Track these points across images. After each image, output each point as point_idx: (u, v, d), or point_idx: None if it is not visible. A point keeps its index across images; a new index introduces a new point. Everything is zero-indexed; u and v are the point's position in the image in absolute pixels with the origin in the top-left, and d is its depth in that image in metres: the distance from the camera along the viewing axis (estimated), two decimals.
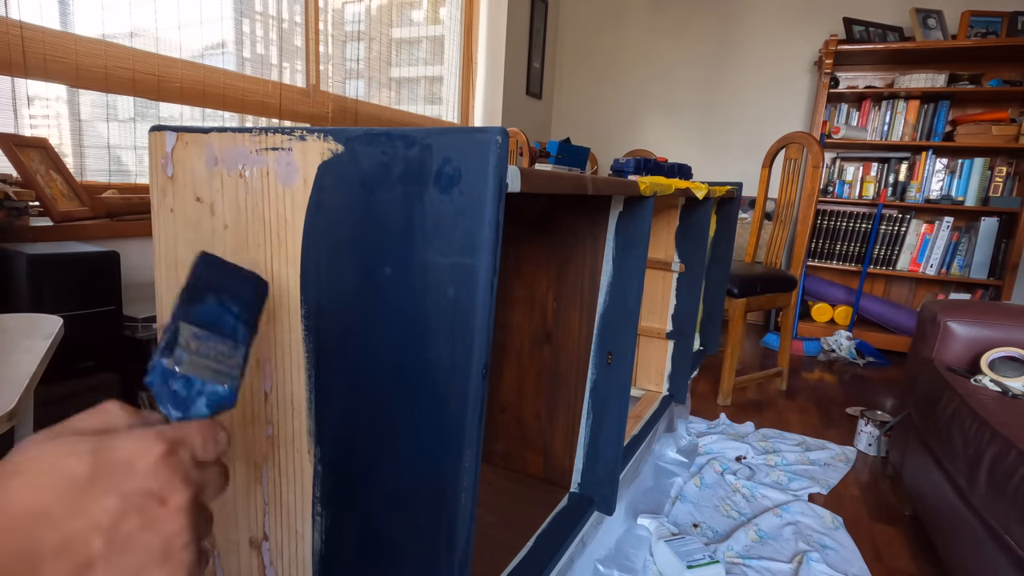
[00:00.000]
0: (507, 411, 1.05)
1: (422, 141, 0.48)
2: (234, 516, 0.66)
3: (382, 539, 0.56)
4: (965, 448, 1.06)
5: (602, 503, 0.97)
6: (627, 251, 0.90)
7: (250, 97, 1.77)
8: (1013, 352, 1.25)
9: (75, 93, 1.39)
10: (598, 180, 0.71)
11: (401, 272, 0.51)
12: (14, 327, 0.72)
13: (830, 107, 3.00)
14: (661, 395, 1.48)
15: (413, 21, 2.64)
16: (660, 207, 1.45)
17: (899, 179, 2.92)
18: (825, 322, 3.03)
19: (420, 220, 0.49)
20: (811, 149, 2.22)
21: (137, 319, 1.13)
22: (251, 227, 0.59)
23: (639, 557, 1.16)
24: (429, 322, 0.50)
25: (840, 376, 2.53)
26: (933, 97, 2.80)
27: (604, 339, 0.94)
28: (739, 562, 1.19)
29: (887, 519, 1.42)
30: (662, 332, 1.48)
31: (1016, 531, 0.88)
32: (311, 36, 2.01)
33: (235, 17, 1.74)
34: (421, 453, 0.52)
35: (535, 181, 0.54)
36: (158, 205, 0.66)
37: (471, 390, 0.49)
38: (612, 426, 0.95)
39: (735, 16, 3.23)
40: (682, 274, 1.45)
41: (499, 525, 0.86)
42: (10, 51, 1.19)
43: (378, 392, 0.54)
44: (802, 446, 1.78)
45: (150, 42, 1.51)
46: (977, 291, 2.88)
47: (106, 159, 1.47)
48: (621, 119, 3.59)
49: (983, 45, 2.58)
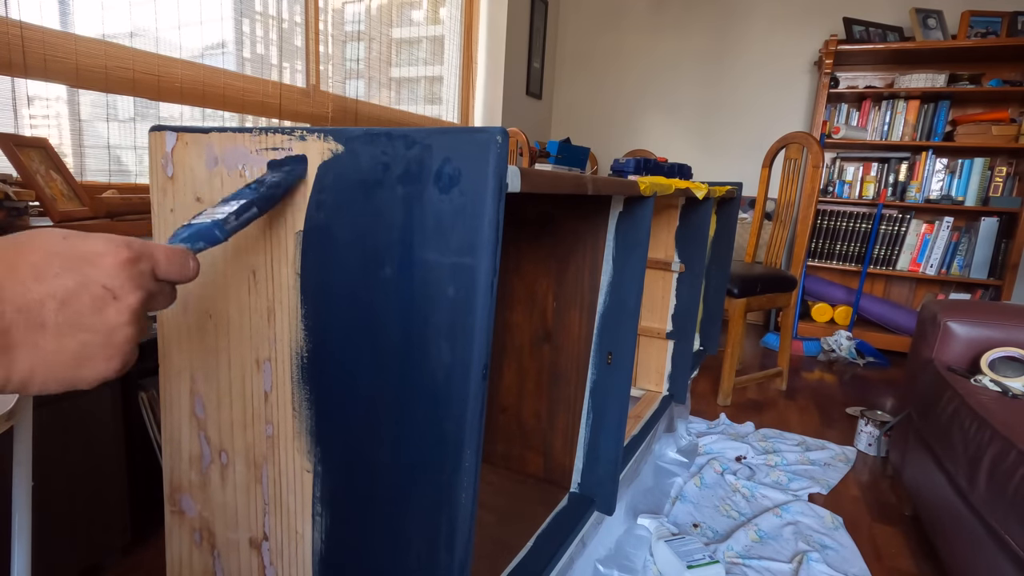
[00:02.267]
0: (507, 411, 1.05)
1: (422, 141, 0.48)
2: (234, 516, 0.66)
3: (382, 539, 0.56)
4: (965, 448, 1.06)
5: (602, 503, 0.97)
6: (627, 251, 0.90)
7: (250, 97, 1.77)
8: (1013, 352, 1.25)
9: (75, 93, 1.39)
10: (598, 180, 0.71)
11: (401, 272, 0.51)
12: None
13: (830, 107, 3.00)
14: (661, 395, 1.48)
15: (413, 21, 2.64)
16: (660, 207, 1.45)
17: (899, 179, 2.92)
18: (825, 322, 3.03)
19: (420, 220, 0.49)
20: (811, 149, 2.22)
21: None
22: (251, 227, 0.59)
23: (639, 557, 1.16)
24: (429, 322, 0.50)
25: (840, 376, 2.53)
26: (933, 97, 2.80)
27: (604, 339, 0.94)
28: (739, 562, 1.19)
29: (887, 519, 1.42)
30: (662, 332, 1.48)
31: (1016, 531, 0.88)
32: (311, 36, 2.01)
33: (235, 17, 1.74)
34: (421, 453, 0.52)
35: (535, 181, 0.54)
36: (158, 205, 0.66)
37: (471, 390, 0.49)
38: (612, 426, 0.95)
39: (735, 16, 3.23)
40: (682, 274, 1.45)
41: (499, 525, 0.86)
42: (10, 51, 1.19)
43: (378, 392, 0.54)
44: (802, 446, 1.78)
45: (150, 42, 1.51)
46: (977, 291, 2.88)
47: (106, 159, 1.47)
48: (621, 119, 3.59)
49: (983, 45, 2.58)
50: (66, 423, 0.96)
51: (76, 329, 0.31)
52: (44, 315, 0.30)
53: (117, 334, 0.33)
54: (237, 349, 0.62)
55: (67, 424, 0.96)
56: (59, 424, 0.95)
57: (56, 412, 0.94)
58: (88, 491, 1.01)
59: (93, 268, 0.32)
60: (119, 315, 0.33)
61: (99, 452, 1.02)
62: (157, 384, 1.13)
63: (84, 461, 0.99)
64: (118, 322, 0.33)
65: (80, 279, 0.31)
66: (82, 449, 0.99)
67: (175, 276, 0.37)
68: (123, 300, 0.33)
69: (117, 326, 0.33)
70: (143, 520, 1.15)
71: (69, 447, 0.97)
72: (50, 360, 0.31)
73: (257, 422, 0.62)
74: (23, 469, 0.67)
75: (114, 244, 0.33)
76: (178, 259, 0.37)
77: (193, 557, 0.71)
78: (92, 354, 0.32)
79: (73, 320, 0.31)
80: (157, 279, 0.36)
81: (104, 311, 0.32)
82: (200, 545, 0.70)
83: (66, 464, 0.97)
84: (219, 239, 0.43)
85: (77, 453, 0.98)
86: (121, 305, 0.33)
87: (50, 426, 0.93)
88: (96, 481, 1.02)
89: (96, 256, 0.32)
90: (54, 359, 0.31)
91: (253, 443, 0.63)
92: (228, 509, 0.67)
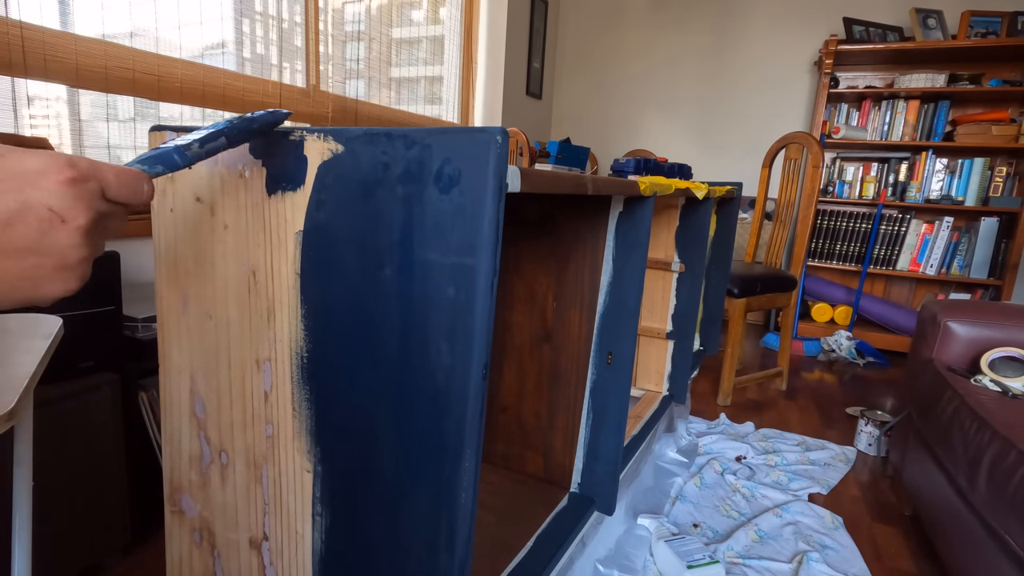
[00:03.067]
0: (507, 411, 1.05)
1: (422, 141, 0.48)
2: (234, 516, 0.66)
3: (382, 539, 0.56)
4: (965, 448, 1.06)
5: (602, 503, 0.97)
6: (627, 251, 0.90)
7: (250, 97, 1.77)
8: (1013, 352, 1.25)
9: (75, 93, 1.39)
10: (598, 180, 0.71)
11: (401, 272, 0.51)
12: (14, 327, 0.72)
13: (830, 107, 3.00)
14: (661, 395, 1.48)
15: (413, 21, 2.63)
16: (660, 207, 1.45)
17: (899, 179, 2.92)
18: (825, 322, 3.03)
19: (420, 220, 0.49)
20: (811, 149, 2.22)
21: (137, 319, 1.13)
22: (251, 227, 0.59)
23: (639, 557, 1.16)
24: (429, 322, 0.50)
25: (840, 376, 2.53)
26: (933, 97, 2.80)
27: (604, 339, 0.94)
28: (739, 562, 1.19)
29: (887, 519, 1.42)
30: (662, 332, 1.48)
31: (1016, 531, 0.88)
32: (311, 36, 2.01)
33: (235, 17, 1.74)
34: (421, 453, 0.52)
35: (535, 181, 0.54)
36: (158, 205, 0.66)
37: (471, 390, 0.49)
38: (612, 426, 0.95)
39: (735, 15, 3.23)
40: (682, 274, 1.45)
41: (499, 525, 0.86)
42: (10, 51, 1.19)
43: (378, 392, 0.54)
44: (802, 446, 1.77)
45: (150, 42, 1.51)
46: (977, 291, 2.88)
47: (106, 159, 1.47)
48: (621, 119, 3.59)
49: (983, 45, 2.58)
50: (66, 423, 0.96)
51: (23, 252, 0.31)
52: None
53: (69, 255, 0.32)
54: (237, 349, 0.62)
55: (67, 424, 0.96)
56: (59, 424, 0.95)
57: (56, 412, 0.94)
58: (88, 491, 1.01)
59: (35, 189, 0.31)
60: (69, 237, 0.32)
61: (99, 452, 1.01)
62: (157, 384, 1.13)
63: (84, 461, 0.99)
64: (69, 243, 0.32)
65: (22, 201, 0.30)
66: (82, 449, 0.99)
67: (127, 198, 0.36)
68: (71, 222, 0.32)
69: (68, 247, 0.32)
70: (143, 520, 1.15)
71: (69, 447, 0.97)
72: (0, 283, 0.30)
73: (257, 422, 0.62)
74: (23, 469, 0.67)
75: (57, 162, 0.32)
76: (130, 180, 0.36)
77: (193, 557, 0.71)
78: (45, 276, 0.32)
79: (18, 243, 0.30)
80: (108, 200, 0.35)
81: (52, 233, 0.31)
82: (200, 545, 0.70)
83: (66, 464, 0.97)
84: (178, 165, 0.41)
85: (77, 453, 0.98)
86: (70, 227, 0.32)
87: (50, 426, 0.93)
88: (96, 481, 1.02)
89: (37, 175, 0.31)
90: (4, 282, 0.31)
91: (253, 443, 0.63)
92: (228, 509, 0.67)
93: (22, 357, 0.64)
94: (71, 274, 0.33)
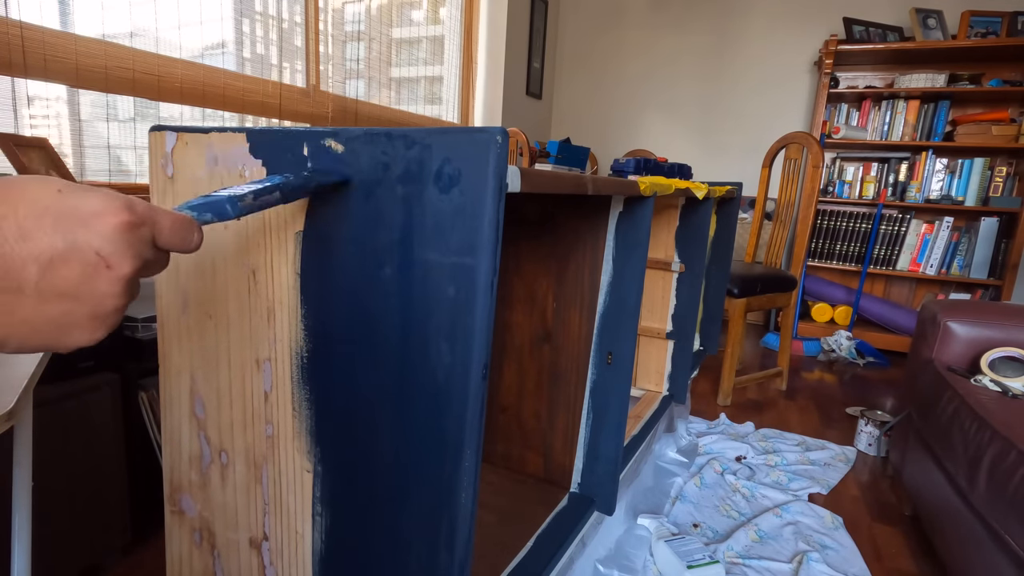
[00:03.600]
0: (507, 411, 1.05)
1: (422, 141, 0.48)
2: (234, 516, 0.66)
3: (382, 539, 0.56)
4: (965, 448, 1.06)
5: (602, 503, 0.97)
6: (627, 251, 0.90)
7: (250, 97, 1.77)
8: (1013, 352, 1.25)
9: (75, 93, 1.39)
10: (598, 180, 0.71)
11: (401, 272, 0.51)
12: None
13: (830, 107, 3.00)
14: (661, 395, 1.48)
15: (413, 21, 2.63)
16: (660, 207, 1.45)
17: (899, 179, 2.92)
18: (825, 322, 3.03)
19: (420, 220, 0.49)
20: (811, 149, 2.22)
21: (137, 319, 1.13)
22: (251, 227, 0.59)
23: (639, 557, 1.16)
24: (429, 322, 0.50)
25: (840, 376, 2.53)
26: (933, 97, 2.80)
27: (604, 339, 0.94)
28: (739, 562, 1.19)
29: (887, 519, 1.42)
30: (662, 332, 1.48)
31: (1016, 531, 0.88)
32: (311, 36, 2.01)
33: (235, 17, 1.74)
34: (421, 453, 0.52)
35: (535, 181, 0.54)
36: (158, 205, 0.66)
37: (471, 390, 0.49)
38: (612, 426, 0.95)
39: (735, 15, 3.23)
40: (682, 274, 1.45)
41: (499, 525, 0.86)
42: (10, 51, 1.19)
43: (378, 392, 0.54)
44: (802, 446, 1.77)
45: (150, 42, 1.51)
46: (977, 291, 2.88)
47: (106, 159, 1.47)
48: (621, 119, 3.59)
49: (983, 45, 2.58)
50: (66, 423, 0.96)
51: (60, 297, 0.28)
52: (24, 279, 0.27)
53: (105, 304, 0.30)
54: (237, 349, 0.62)
55: (67, 424, 0.96)
56: (59, 424, 0.95)
57: (56, 412, 0.94)
58: (88, 491, 1.01)
59: (87, 231, 0.28)
60: (110, 285, 0.30)
61: (99, 452, 1.01)
62: (157, 384, 1.13)
63: (84, 461, 0.99)
64: (108, 292, 0.30)
65: (71, 242, 0.28)
66: (82, 449, 0.99)
67: (177, 246, 0.34)
68: (116, 269, 0.29)
69: (106, 296, 0.30)
70: (143, 520, 1.15)
71: (69, 447, 0.97)
72: (26, 326, 0.28)
73: (257, 422, 0.62)
74: (23, 469, 0.67)
75: (115, 204, 0.30)
76: (183, 228, 0.33)
77: (193, 557, 0.71)
78: (75, 322, 0.29)
79: (58, 287, 0.28)
80: (156, 247, 0.33)
81: (94, 280, 0.29)
82: (200, 545, 0.70)
83: (66, 464, 0.97)
84: (229, 215, 0.39)
85: (77, 453, 0.98)
86: (113, 275, 0.29)
87: (50, 426, 0.93)
88: (96, 481, 1.02)
89: (92, 216, 0.29)
90: (31, 326, 0.28)
91: (253, 443, 0.63)
92: (228, 509, 0.67)
93: (22, 357, 0.64)
94: (101, 323, 0.30)
